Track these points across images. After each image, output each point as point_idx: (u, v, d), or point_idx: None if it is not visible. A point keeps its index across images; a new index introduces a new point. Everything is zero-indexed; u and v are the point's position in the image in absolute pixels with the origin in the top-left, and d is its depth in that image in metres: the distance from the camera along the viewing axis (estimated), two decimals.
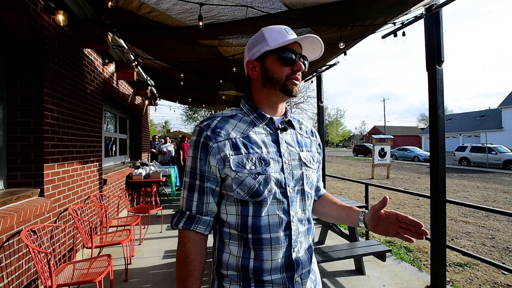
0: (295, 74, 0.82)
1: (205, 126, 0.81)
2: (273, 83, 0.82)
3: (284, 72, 0.81)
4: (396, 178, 12.01)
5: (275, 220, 0.78)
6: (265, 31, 0.83)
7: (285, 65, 0.81)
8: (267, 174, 0.77)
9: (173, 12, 2.55)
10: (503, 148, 16.51)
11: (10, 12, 1.94)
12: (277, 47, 0.79)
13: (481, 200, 7.35)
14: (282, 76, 0.81)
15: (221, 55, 3.63)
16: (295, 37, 0.81)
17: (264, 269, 0.77)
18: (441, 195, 2.59)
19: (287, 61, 0.80)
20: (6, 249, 1.92)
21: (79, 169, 3.11)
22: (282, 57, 0.80)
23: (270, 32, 0.82)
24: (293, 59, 0.81)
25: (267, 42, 0.81)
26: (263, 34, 0.83)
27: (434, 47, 2.54)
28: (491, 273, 3.26)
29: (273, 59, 0.81)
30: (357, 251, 2.70)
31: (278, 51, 0.80)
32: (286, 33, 0.82)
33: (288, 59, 0.80)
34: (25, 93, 2.33)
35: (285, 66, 0.81)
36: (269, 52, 0.81)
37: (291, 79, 0.82)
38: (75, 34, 2.96)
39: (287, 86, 0.82)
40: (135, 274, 2.93)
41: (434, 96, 2.58)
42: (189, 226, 0.80)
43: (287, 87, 0.82)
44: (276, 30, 0.83)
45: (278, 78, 0.82)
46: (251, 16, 2.54)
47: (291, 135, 0.89)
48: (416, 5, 2.47)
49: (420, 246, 4.09)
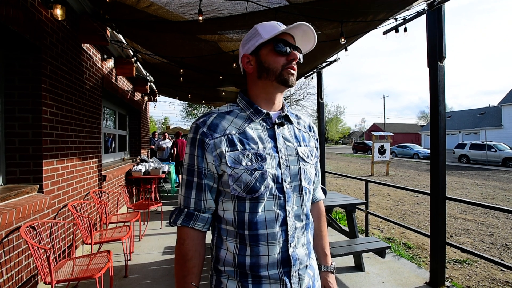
0: (291, 64, 0.82)
1: (201, 123, 0.81)
2: (269, 73, 0.82)
3: (280, 62, 0.81)
4: (395, 175, 12.03)
5: (271, 216, 0.78)
6: (258, 27, 0.85)
7: (280, 55, 0.81)
8: (264, 170, 0.77)
9: (172, 6, 2.51)
10: (502, 145, 16.54)
11: (7, 6, 1.91)
12: (271, 37, 0.80)
13: (480, 198, 7.37)
14: (278, 66, 0.81)
15: (221, 50, 3.60)
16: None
17: (261, 265, 0.77)
18: (441, 192, 2.59)
19: (281, 51, 0.81)
20: (6, 245, 1.91)
21: (78, 165, 3.10)
22: (277, 47, 0.81)
23: (263, 26, 0.84)
24: (287, 49, 0.81)
25: (261, 36, 0.82)
26: (257, 29, 0.84)
27: (436, 43, 2.52)
28: (489, 270, 3.27)
29: (268, 51, 0.82)
30: (357, 248, 2.70)
31: (272, 42, 0.81)
32: (279, 26, 0.83)
33: (283, 49, 0.81)
34: (23, 88, 2.31)
35: (280, 56, 0.81)
36: (264, 44, 0.82)
37: (287, 69, 0.82)
38: (73, 28, 2.93)
39: (283, 76, 0.82)
40: (135, 270, 2.93)
41: (435, 93, 2.56)
42: (187, 223, 0.80)
43: (283, 77, 0.82)
44: (268, 24, 0.84)
45: (274, 68, 0.82)
46: (251, 10, 2.51)
47: (289, 130, 0.88)
48: (418, 0, 2.45)
49: (419, 243, 4.11)
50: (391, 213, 5.79)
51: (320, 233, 1.02)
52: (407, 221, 5.17)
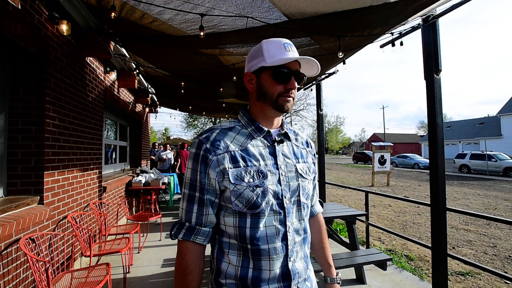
0: (288, 92, 0.83)
1: (204, 139, 0.82)
2: (266, 99, 0.84)
3: (277, 90, 0.82)
4: (396, 185, 11.98)
5: (272, 231, 0.79)
6: (264, 45, 0.84)
7: (278, 83, 0.82)
8: (265, 187, 0.79)
9: (174, 22, 2.59)
10: (502, 155, 16.52)
11: (15, 22, 1.98)
12: (272, 65, 0.80)
13: (482, 208, 7.31)
14: (274, 93, 0.82)
15: (222, 63, 3.67)
16: (294, 55, 0.82)
17: (262, 279, 0.78)
18: (441, 203, 2.58)
19: (280, 79, 0.81)
20: (4, 257, 1.90)
21: (79, 177, 3.11)
22: (276, 75, 0.81)
23: (268, 46, 0.83)
24: (286, 77, 0.81)
25: (263, 58, 0.82)
26: (262, 48, 0.84)
27: (431, 57, 2.58)
28: (493, 282, 3.22)
29: (267, 76, 0.83)
30: (358, 260, 2.67)
31: (273, 68, 0.81)
32: (285, 50, 0.82)
33: (281, 77, 0.81)
34: (28, 100, 2.35)
35: (278, 84, 0.82)
36: (265, 68, 0.82)
37: (283, 97, 0.83)
38: (77, 43, 3.01)
39: (278, 103, 0.83)
40: (134, 283, 2.90)
41: (432, 104, 2.60)
42: (188, 237, 0.81)
43: (278, 103, 0.83)
44: (275, 45, 0.83)
45: (270, 94, 0.83)
46: (251, 26, 2.58)
47: (288, 147, 0.91)
48: (413, 16, 2.52)
49: (421, 254, 4.06)
50: (392, 224, 5.74)
51: (323, 245, 1.04)
52: (409, 232, 5.12)
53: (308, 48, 3.12)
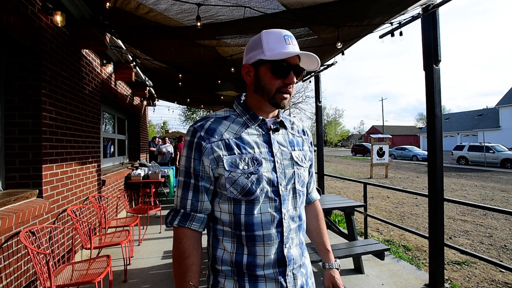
0: (286, 87, 0.82)
1: (198, 127, 0.83)
2: (263, 93, 0.83)
3: (275, 84, 0.81)
4: (394, 177, 12.05)
5: (267, 218, 0.80)
6: (264, 37, 0.82)
7: (277, 77, 0.81)
8: (260, 174, 0.79)
9: (171, 12, 2.55)
10: (500, 147, 16.61)
11: (7, 13, 1.94)
12: (271, 59, 0.79)
13: (479, 199, 7.39)
14: (273, 88, 0.81)
15: (219, 55, 3.63)
16: (294, 48, 0.81)
17: (257, 265, 0.79)
18: (439, 194, 2.60)
19: (278, 74, 0.80)
20: (5, 250, 1.91)
21: (77, 170, 3.10)
22: (275, 69, 0.80)
23: (268, 38, 0.81)
24: (285, 72, 0.80)
25: (263, 50, 0.80)
26: (261, 40, 0.81)
27: (431, 47, 2.56)
28: (489, 271, 3.28)
29: (266, 69, 0.81)
30: (356, 250, 2.71)
31: (272, 62, 0.80)
32: (285, 43, 0.80)
33: (280, 72, 0.80)
34: (23, 94, 2.33)
35: (276, 79, 0.81)
36: (264, 61, 0.81)
37: (281, 93, 0.82)
38: (73, 35, 2.96)
39: (275, 99, 0.82)
40: (134, 274, 2.93)
41: (431, 95, 2.59)
42: (184, 223, 0.82)
43: (275, 100, 0.82)
44: (275, 37, 0.81)
45: (268, 89, 0.82)
46: (249, 16, 2.54)
47: (283, 135, 0.91)
48: (413, 5, 2.49)
49: (418, 244, 4.11)
50: (390, 215, 5.80)
51: (320, 231, 1.05)
52: (406, 223, 5.18)
53: (307, 38, 3.09)
